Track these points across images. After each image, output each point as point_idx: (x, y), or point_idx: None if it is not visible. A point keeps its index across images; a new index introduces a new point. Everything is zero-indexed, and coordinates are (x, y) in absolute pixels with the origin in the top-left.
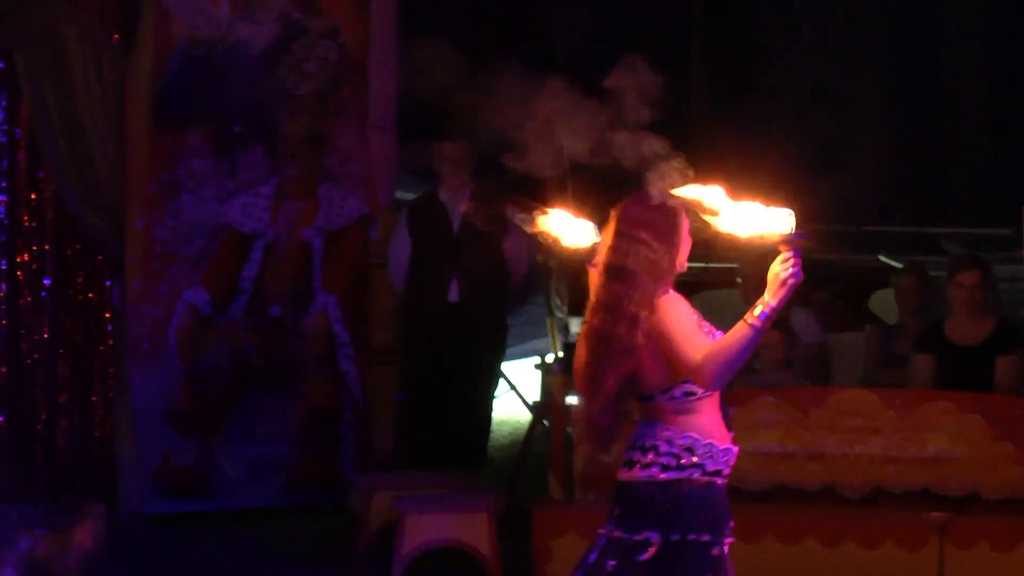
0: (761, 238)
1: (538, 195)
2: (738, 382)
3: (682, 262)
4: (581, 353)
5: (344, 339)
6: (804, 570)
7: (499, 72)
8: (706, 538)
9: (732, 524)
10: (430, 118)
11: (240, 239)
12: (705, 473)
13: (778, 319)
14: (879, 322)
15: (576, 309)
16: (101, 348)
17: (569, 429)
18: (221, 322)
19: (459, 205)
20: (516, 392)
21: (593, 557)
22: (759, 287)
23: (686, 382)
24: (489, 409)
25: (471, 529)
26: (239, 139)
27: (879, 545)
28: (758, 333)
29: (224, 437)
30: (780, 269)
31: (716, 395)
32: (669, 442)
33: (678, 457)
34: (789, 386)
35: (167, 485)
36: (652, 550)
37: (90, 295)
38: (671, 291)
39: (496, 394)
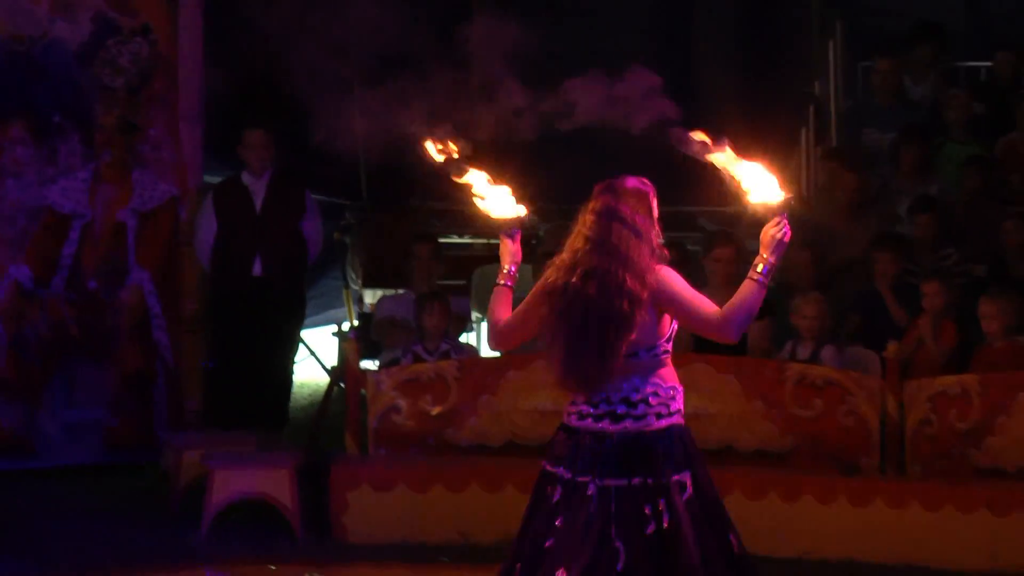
0: (764, 205)
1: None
2: (520, 349)
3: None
4: (554, 309)
5: (157, 311)
6: None
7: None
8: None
9: None
10: (235, 108)
11: (60, 220)
12: (682, 415)
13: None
14: None
15: (370, 282)
16: None
17: (363, 391)
18: (43, 296)
19: (261, 188)
20: (315, 358)
21: (593, 508)
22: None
23: (668, 340)
24: (290, 373)
25: (274, 483)
26: (58, 128)
27: None
28: (764, 286)
29: (45, 401)
30: (775, 231)
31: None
32: (656, 394)
33: (667, 405)
34: None
35: None
36: (689, 488)
37: None
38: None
39: (296, 360)
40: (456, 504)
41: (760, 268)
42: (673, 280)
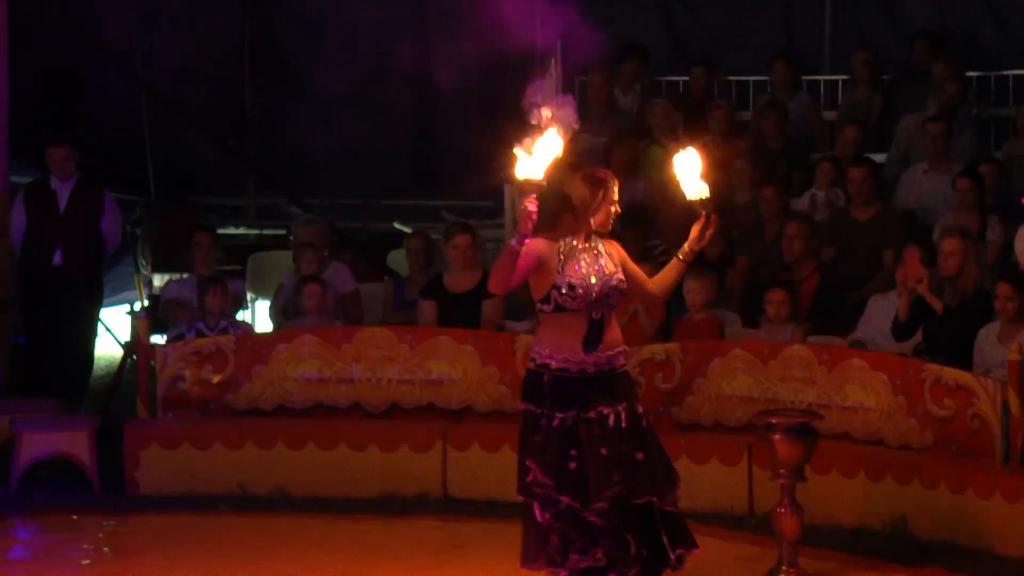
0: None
1: None
2: (286, 324)
3: None
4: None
5: None
6: (338, 471)
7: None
8: None
9: None
10: (42, 124)
11: None
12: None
13: (315, 275)
14: (395, 275)
15: (158, 267)
16: None
17: (153, 363)
18: None
19: (66, 191)
20: (111, 334)
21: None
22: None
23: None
24: (91, 349)
25: (75, 443)
26: None
27: (396, 449)
28: (689, 266)
29: None
30: (704, 227)
31: None
32: None
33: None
34: (326, 326)
35: None
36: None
37: None
38: None
39: (95, 336)
40: (234, 460)
41: (687, 250)
42: None
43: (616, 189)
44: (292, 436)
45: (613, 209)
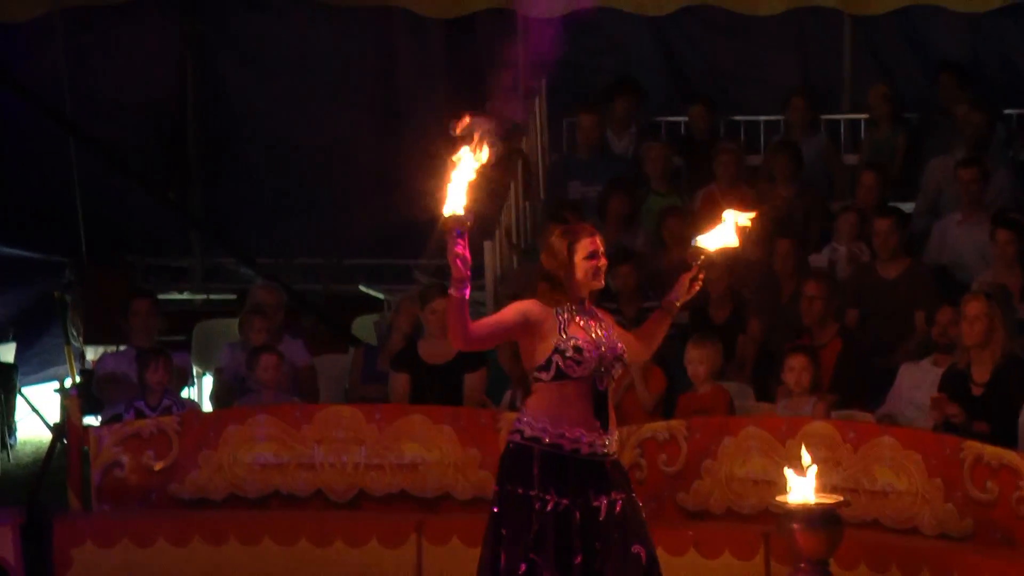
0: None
1: None
2: (238, 402)
3: None
4: None
5: None
6: (298, 570)
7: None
8: None
9: None
10: None
11: None
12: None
13: (270, 345)
14: (362, 344)
15: (91, 338)
16: None
17: (85, 447)
18: None
19: None
20: (37, 414)
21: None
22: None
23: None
24: None
25: None
26: None
27: (364, 543)
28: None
29: None
30: (693, 278)
31: None
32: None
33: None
34: (281, 404)
35: None
36: None
37: None
38: None
39: (18, 417)
40: (179, 558)
41: (678, 304)
42: None
43: (590, 241)
44: (246, 530)
45: (592, 264)
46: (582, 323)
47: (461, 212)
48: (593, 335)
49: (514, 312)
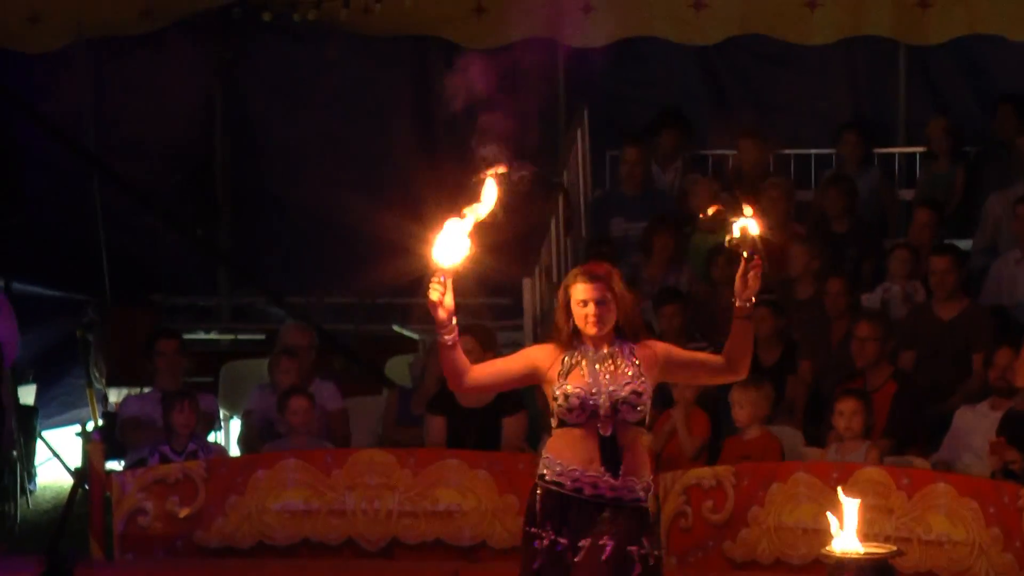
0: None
1: None
2: (267, 446)
3: None
4: None
5: None
6: None
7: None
8: None
9: None
10: None
11: None
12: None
13: (300, 387)
14: (396, 386)
15: (114, 380)
16: None
17: (108, 493)
18: None
19: None
20: (58, 459)
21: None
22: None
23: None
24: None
25: None
26: None
27: None
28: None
29: None
30: (745, 271)
31: None
32: None
33: None
34: (312, 448)
35: None
36: None
37: None
38: None
39: (39, 461)
40: None
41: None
42: None
43: (584, 288)
44: None
45: (582, 312)
46: (586, 367)
47: (444, 264)
48: (599, 379)
49: (522, 359)
